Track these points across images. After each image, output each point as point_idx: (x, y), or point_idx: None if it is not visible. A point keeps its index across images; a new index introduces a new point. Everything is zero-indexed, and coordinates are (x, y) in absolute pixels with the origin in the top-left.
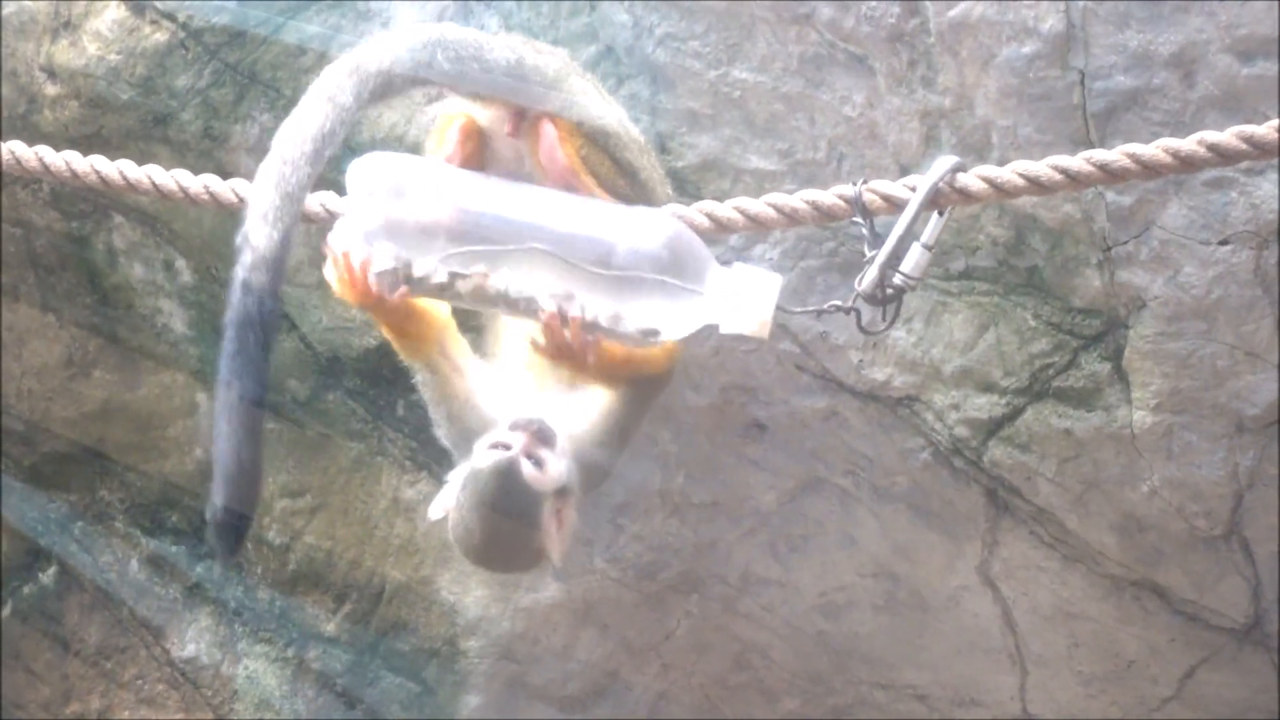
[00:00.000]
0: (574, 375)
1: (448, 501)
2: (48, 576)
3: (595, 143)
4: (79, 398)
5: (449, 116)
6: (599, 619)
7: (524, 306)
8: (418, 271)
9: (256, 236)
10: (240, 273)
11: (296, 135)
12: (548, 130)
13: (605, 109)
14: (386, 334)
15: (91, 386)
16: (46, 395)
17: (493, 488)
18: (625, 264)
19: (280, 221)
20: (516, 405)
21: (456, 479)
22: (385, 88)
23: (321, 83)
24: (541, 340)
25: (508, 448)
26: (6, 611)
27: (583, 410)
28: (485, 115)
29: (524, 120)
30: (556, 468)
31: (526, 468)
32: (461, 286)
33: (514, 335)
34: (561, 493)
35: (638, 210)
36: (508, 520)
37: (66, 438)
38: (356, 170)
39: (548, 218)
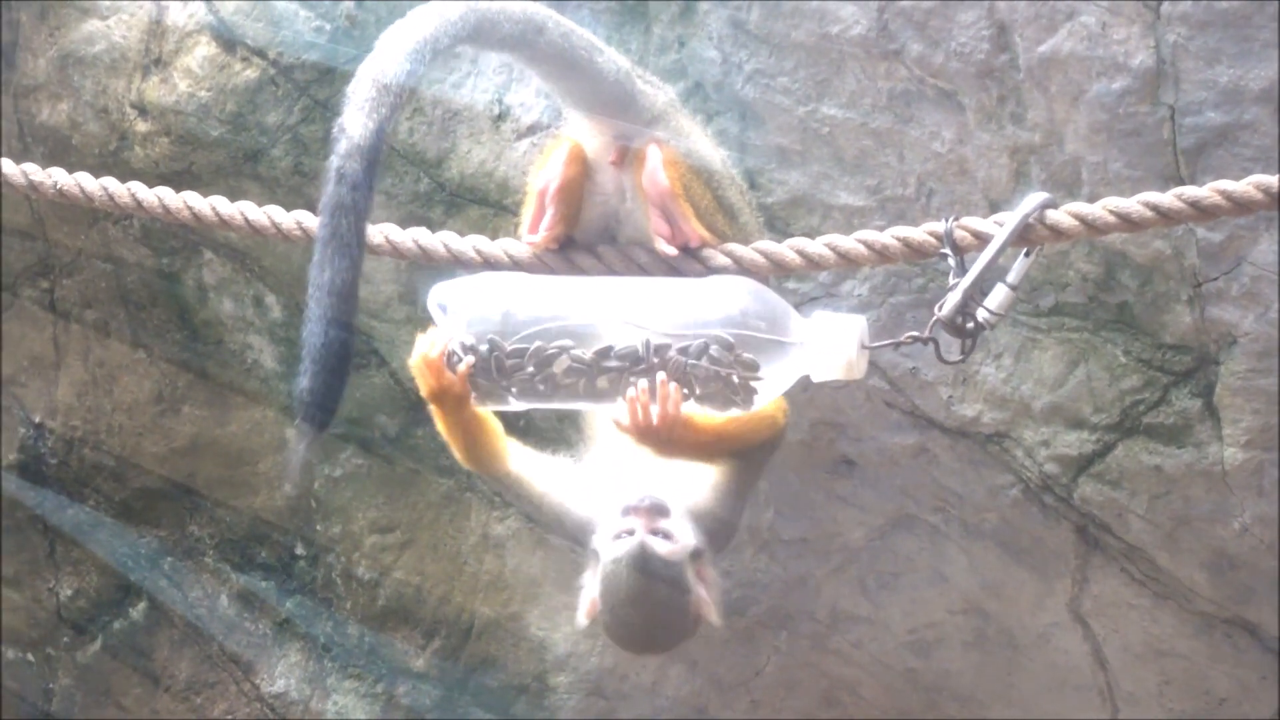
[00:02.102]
0: (670, 455)
1: (590, 602)
2: (138, 612)
3: (698, 176)
4: (169, 433)
5: (556, 141)
6: (688, 655)
7: (610, 386)
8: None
9: (352, 126)
10: (335, 161)
11: (400, 34)
12: (653, 151)
13: (710, 146)
14: (459, 451)
15: (181, 422)
16: (137, 431)
17: (634, 576)
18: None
19: (376, 112)
20: (621, 490)
21: (591, 580)
22: (492, 28)
23: (433, 2)
24: (625, 419)
25: (630, 533)
26: (97, 647)
27: (693, 475)
28: (592, 145)
29: (629, 152)
30: (683, 534)
31: (657, 544)
32: (544, 373)
33: (606, 425)
34: (696, 555)
35: (714, 279)
36: (660, 600)
37: (156, 473)
38: (436, 295)
39: (631, 303)
